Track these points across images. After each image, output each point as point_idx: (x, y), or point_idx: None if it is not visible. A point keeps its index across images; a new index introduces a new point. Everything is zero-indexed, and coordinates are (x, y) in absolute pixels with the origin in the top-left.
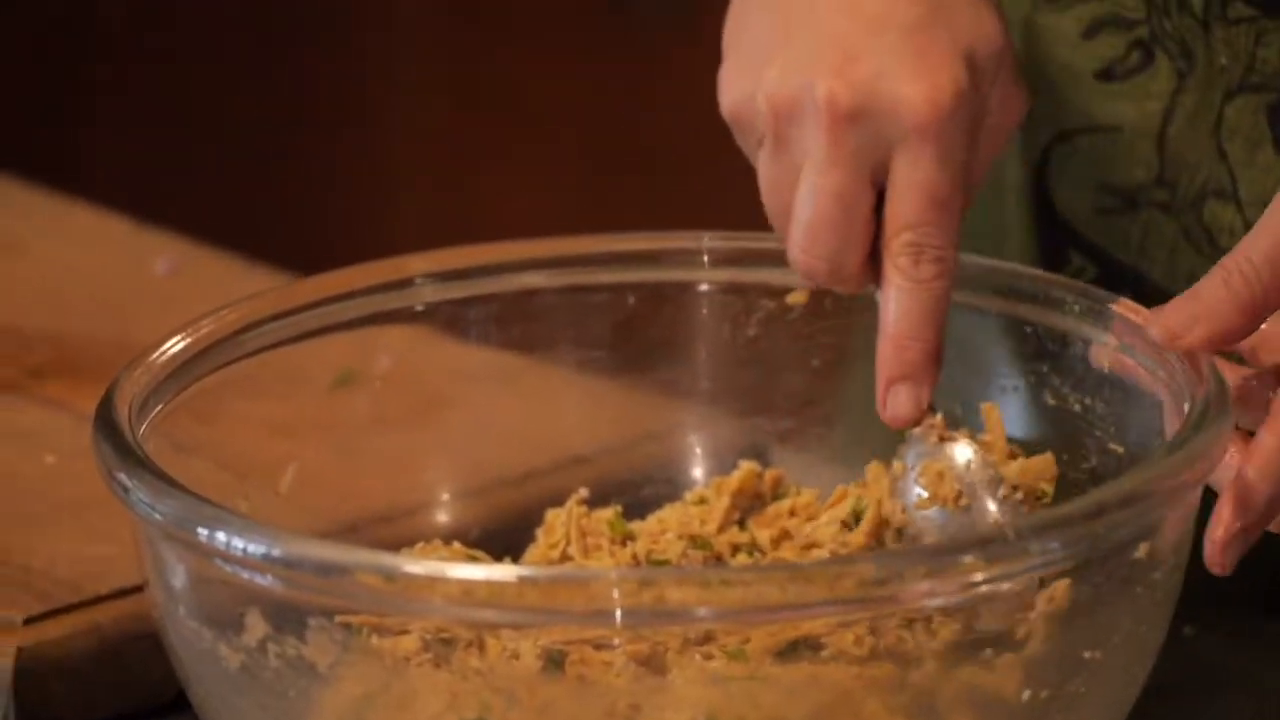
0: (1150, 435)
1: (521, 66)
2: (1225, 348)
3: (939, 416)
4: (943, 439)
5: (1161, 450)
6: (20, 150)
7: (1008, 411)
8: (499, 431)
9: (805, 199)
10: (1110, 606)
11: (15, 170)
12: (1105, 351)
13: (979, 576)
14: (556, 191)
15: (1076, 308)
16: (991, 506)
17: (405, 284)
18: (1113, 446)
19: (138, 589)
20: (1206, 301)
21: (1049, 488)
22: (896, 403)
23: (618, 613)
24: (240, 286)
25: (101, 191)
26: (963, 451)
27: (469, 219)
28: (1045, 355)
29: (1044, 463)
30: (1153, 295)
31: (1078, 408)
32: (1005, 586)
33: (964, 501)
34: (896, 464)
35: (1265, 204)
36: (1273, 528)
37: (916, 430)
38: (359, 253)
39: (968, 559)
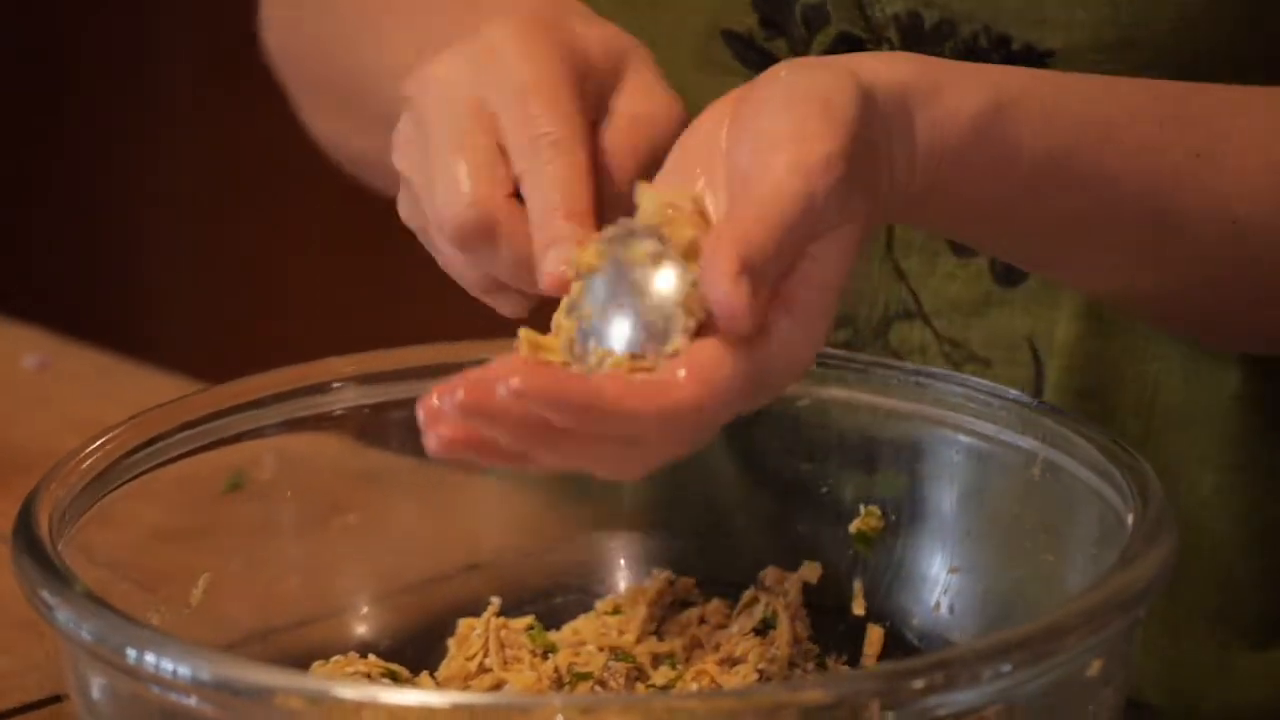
0: (1084, 543)
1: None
2: None
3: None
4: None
5: (1116, 565)
6: None
7: (932, 519)
8: (404, 537)
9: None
10: None
11: None
12: (1035, 458)
13: (932, 701)
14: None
15: (1003, 413)
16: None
17: (322, 389)
18: (1045, 556)
19: (41, 704)
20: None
21: None
22: (545, 264)
23: None
24: (112, 381)
25: None
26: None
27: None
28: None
29: None
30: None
31: (1007, 518)
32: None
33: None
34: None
35: (953, 309)
36: None
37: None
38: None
39: (919, 683)
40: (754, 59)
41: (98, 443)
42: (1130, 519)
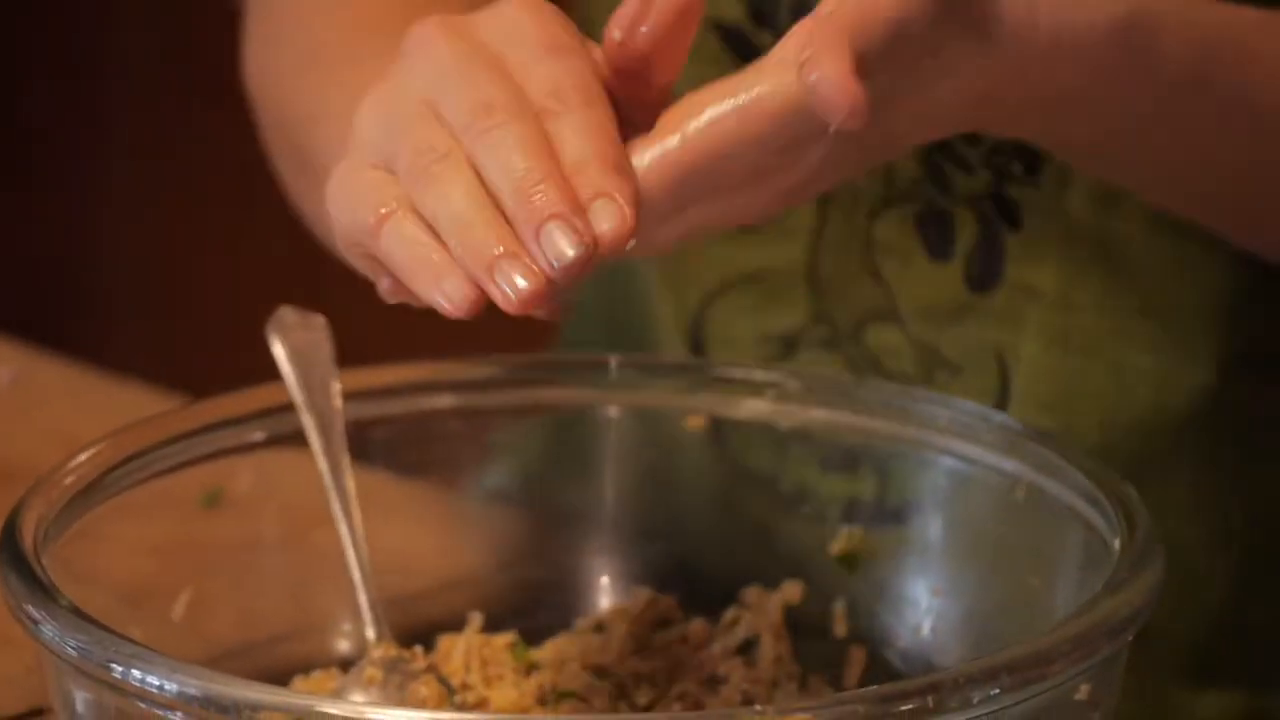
0: (1068, 567)
1: None
2: None
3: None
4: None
5: (1105, 590)
6: None
7: (915, 541)
8: (384, 553)
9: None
10: None
11: None
12: (1019, 481)
13: None
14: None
15: (988, 436)
16: None
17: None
18: (1030, 580)
19: (19, 718)
20: None
21: None
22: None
23: None
24: (85, 394)
25: None
26: None
27: None
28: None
29: None
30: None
31: (991, 541)
32: None
33: None
34: None
35: (927, 315)
36: None
37: None
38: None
39: (909, 705)
40: (743, 51)
41: (80, 458)
42: (1117, 544)
